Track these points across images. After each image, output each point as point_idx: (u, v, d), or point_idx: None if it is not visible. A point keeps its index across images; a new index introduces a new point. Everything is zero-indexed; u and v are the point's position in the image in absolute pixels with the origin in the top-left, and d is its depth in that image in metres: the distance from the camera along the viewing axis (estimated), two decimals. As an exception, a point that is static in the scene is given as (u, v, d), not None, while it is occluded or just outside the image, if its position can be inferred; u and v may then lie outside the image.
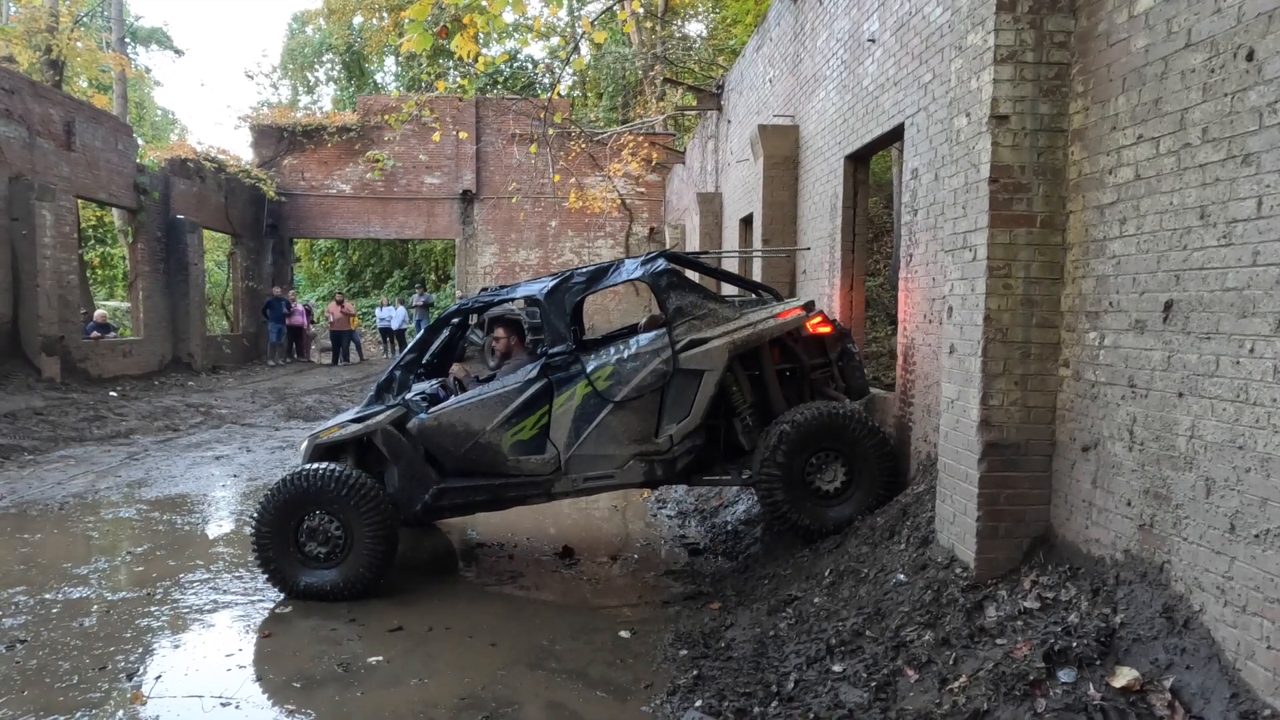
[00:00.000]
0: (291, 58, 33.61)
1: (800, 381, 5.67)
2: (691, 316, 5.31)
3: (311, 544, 5.08)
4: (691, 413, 5.22)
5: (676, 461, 5.30)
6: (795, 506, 5.15)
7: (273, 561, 5.05)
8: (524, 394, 5.28)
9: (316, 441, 5.42)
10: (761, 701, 3.60)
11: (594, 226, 22.36)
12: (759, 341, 5.38)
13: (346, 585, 5.04)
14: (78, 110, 14.57)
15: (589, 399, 5.23)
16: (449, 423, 5.26)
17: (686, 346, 5.24)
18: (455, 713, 3.74)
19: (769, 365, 5.51)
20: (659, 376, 5.22)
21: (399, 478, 5.30)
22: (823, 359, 5.69)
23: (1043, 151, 3.68)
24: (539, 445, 5.28)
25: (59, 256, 13.24)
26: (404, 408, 5.34)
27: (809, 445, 5.16)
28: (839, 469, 5.22)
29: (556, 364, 5.30)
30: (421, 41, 5.85)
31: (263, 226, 21.54)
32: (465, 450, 5.27)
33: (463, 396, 5.44)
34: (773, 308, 5.56)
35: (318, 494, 5.02)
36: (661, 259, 5.54)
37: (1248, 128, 2.68)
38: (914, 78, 5.48)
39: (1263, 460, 2.59)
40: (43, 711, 3.74)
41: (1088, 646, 3.08)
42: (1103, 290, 3.42)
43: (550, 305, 5.42)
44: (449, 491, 5.32)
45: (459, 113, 21.66)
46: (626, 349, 5.31)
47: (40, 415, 11.02)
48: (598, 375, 5.24)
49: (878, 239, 13.47)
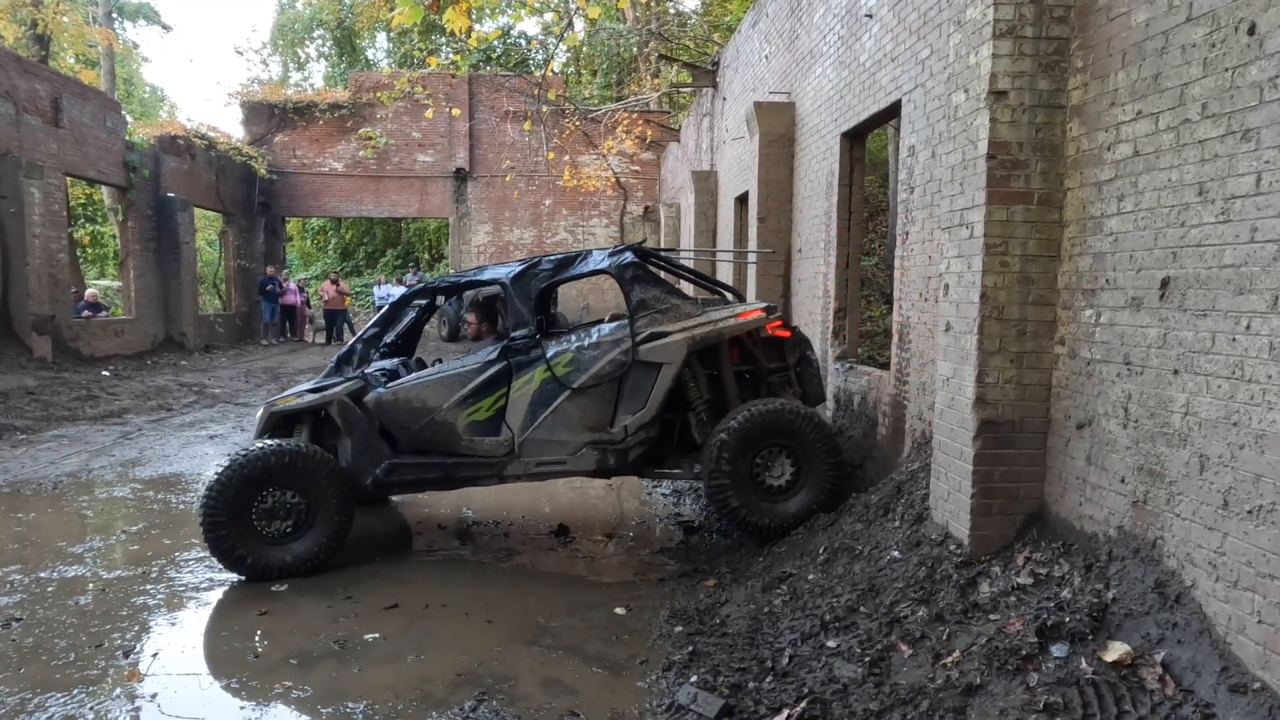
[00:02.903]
0: (282, 33, 33.21)
1: (757, 383, 5.70)
2: (654, 310, 5.33)
3: (270, 521, 5.04)
4: (647, 405, 5.26)
5: (629, 452, 5.33)
6: (743, 502, 5.15)
7: (227, 541, 4.93)
8: (482, 375, 5.30)
9: (273, 409, 5.42)
10: (756, 676, 3.63)
11: (588, 205, 22.25)
12: (718, 339, 5.41)
13: (304, 562, 5.03)
14: (65, 86, 14.38)
15: (547, 384, 5.26)
16: (406, 399, 5.29)
17: (647, 339, 5.26)
18: (452, 689, 3.76)
19: (727, 364, 5.54)
20: (618, 366, 5.25)
21: (352, 451, 5.31)
22: (781, 363, 5.73)
23: (1041, 128, 3.66)
24: (494, 427, 5.31)
25: (48, 235, 13.13)
26: (362, 381, 5.37)
27: (757, 441, 5.17)
28: (786, 464, 5.23)
29: (517, 347, 5.32)
30: (413, 15, 5.78)
31: (254, 205, 21.38)
32: (420, 427, 5.29)
33: (421, 373, 5.48)
34: (734, 307, 5.59)
35: (276, 470, 4.99)
36: (629, 252, 5.56)
37: (1248, 103, 2.66)
38: (912, 53, 5.43)
39: (1257, 437, 2.60)
40: (40, 689, 3.75)
41: (1080, 622, 3.11)
42: (1099, 267, 3.41)
43: (515, 290, 5.43)
44: (401, 467, 5.34)
45: (452, 90, 21.46)
46: (588, 337, 5.34)
47: (32, 395, 10.97)
48: (557, 361, 5.27)
49: (874, 217, 13.44)
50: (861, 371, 6.60)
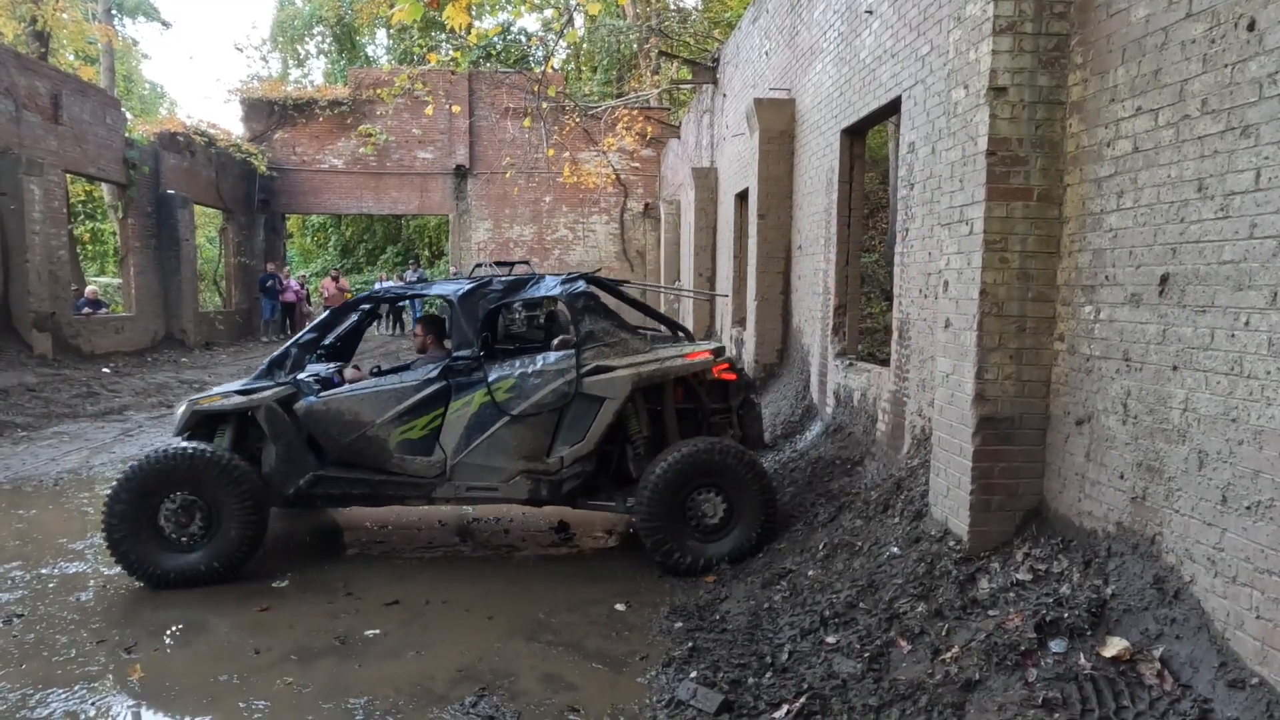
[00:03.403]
0: (281, 30, 33.14)
1: (699, 423, 5.65)
2: (601, 343, 5.25)
3: (173, 527, 4.92)
4: (586, 438, 5.18)
5: (563, 484, 5.25)
6: (672, 540, 5.06)
7: (124, 546, 4.83)
8: (420, 393, 5.19)
9: (195, 408, 5.27)
10: (756, 672, 3.64)
11: (588, 202, 22.23)
12: (663, 378, 5.35)
13: (208, 569, 4.90)
14: (64, 83, 14.36)
15: (486, 408, 5.16)
16: (338, 410, 5.17)
17: (592, 371, 5.18)
18: (452, 684, 3.78)
19: (670, 402, 5.49)
20: (560, 397, 5.16)
21: (276, 458, 5.18)
22: (724, 405, 5.70)
23: (1041, 124, 3.66)
24: (427, 447, 5.20)
25: (48, 232, 13.12)
26: (293, 387, 5.23)
27: (689, 479, 5.09)
28: (719, 504, 5.15)
29: (459, 368, 5.22)
30: (412, 12, 5.77)
31: (254, 202, 21.37)
32: (350, 440, 5.17)
33: (356, 385, 5.35)
34: (682, 347, 5.52)
35: (179, 475, 4.87)
36: (582, 280, 5.49)
37: (1247, 99, 2.66)
38: (911, 50, 5.42)
39: (1256, 433, 2.60)
40: (41, 684, 3.76)
41: (1079, 617, 3.12)
42: (1099, 264, 3.41)
43: (463, 309, 5.34)
44: (326, 480, 5.22)
45: (452, 86, 21.43)
46: (532, 364, 5.24)
47: (33, 391, 10.98)
48: (499, 386, 5.17)
49: (874, 214, 13.43)
50: (861, 368, 6.61)
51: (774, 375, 8.96)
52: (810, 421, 7.46)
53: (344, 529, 6.28)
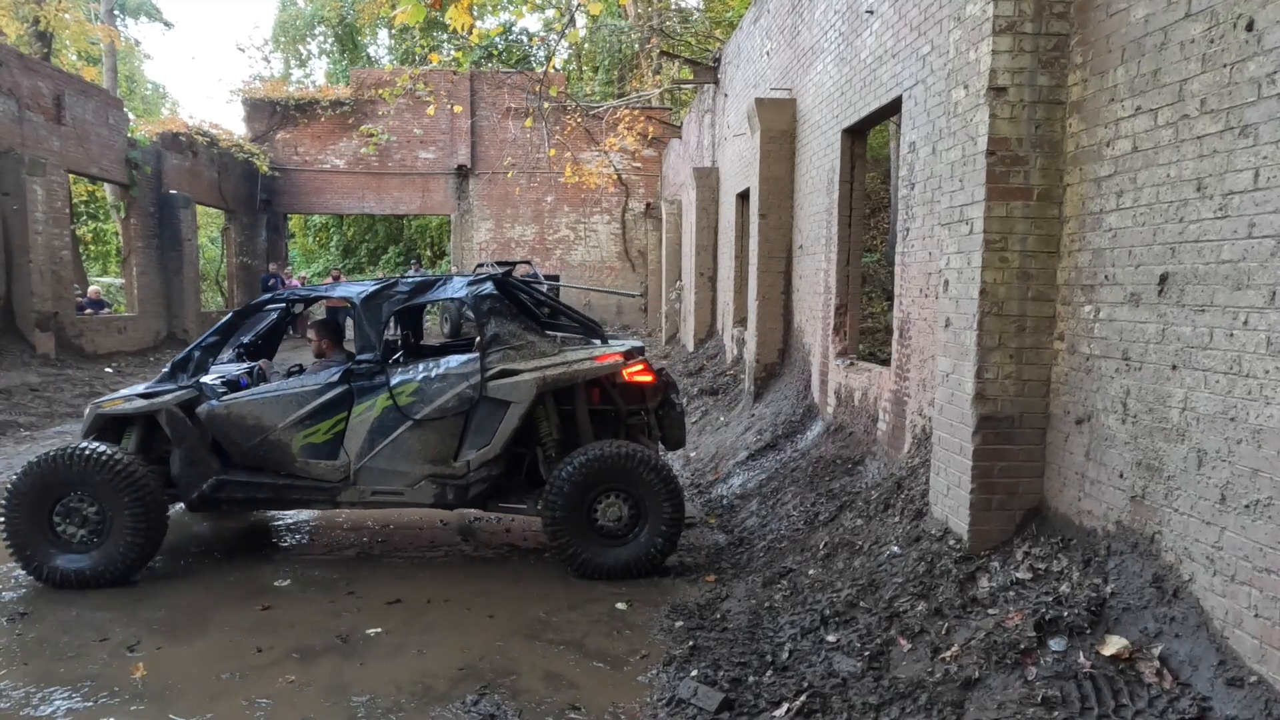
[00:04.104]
0: (283, 30, 33.18)
1: (616, 425, 5.60)
2: (508, 345, 5.16)
3: (66, 527, 4.88)
4: (492, 442, 5.11)
5: (470, 488, 5.19)
6: (577, 543, 5.04)
7: (20, 545, 4.82)
8: (322, 397, 5.13)
9: (99, 411, 5.24)
10: (756, 671, 3.65)
11: (590, 202, 22.25)
12: (571, 381, 5.26)
13: (101, 572, 4.85)
14: (67, 83, 14.40)
15: (389, 412, 5.10)
16: (240, 414, 5.12)
17: (497, 375, 5.10)
18: (453, 683, 3.79)
19: (582, 404, 5.42)
20: (464, 401, 5.09)
21: (180, 462, 5.14)
22: (642, 406, 5.63)
23: (1040, 124, 3.67)
24: (331, 451, 5.15)
25: (51, 232, 13.15)
26: (196, 390, 5.18)
27: (594, 484, 5.04)
28: (624, 508, 5.10)
29: (361, 371, 5.17)
30: (415, 13, 5.79)
31: (256, 202, 21.41)
32: (253, 444, 5.13)
33: (258, 389, 5.28)
34: (592, 350, 5.40)
35: (74, 475, 4.83)
36: (489, 283, 5.40)
37: (1246, 99, 2.67)
38: (912, 49, 5.43)
39: (1254, 432, 2.61)
40: (45, 683, 3.77)
41: (1078, 616, 3.13)
42: (1099, 263, 3.42)
43: (365, 311, 5.27)
44: (230, 484, 5.17)
45: (453, 86, 21.46)
46: (435, 368, 5.16)
47: (36, 391, 11.01)
48: (401, 390, 5.10)
49: (875, 214, 13.45)
50: (862, 368, 6.61)
51: (775, 375, 8.96)
52: (811, 421, 7.46)
53: (346, 529, 6.30)
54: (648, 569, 5.08)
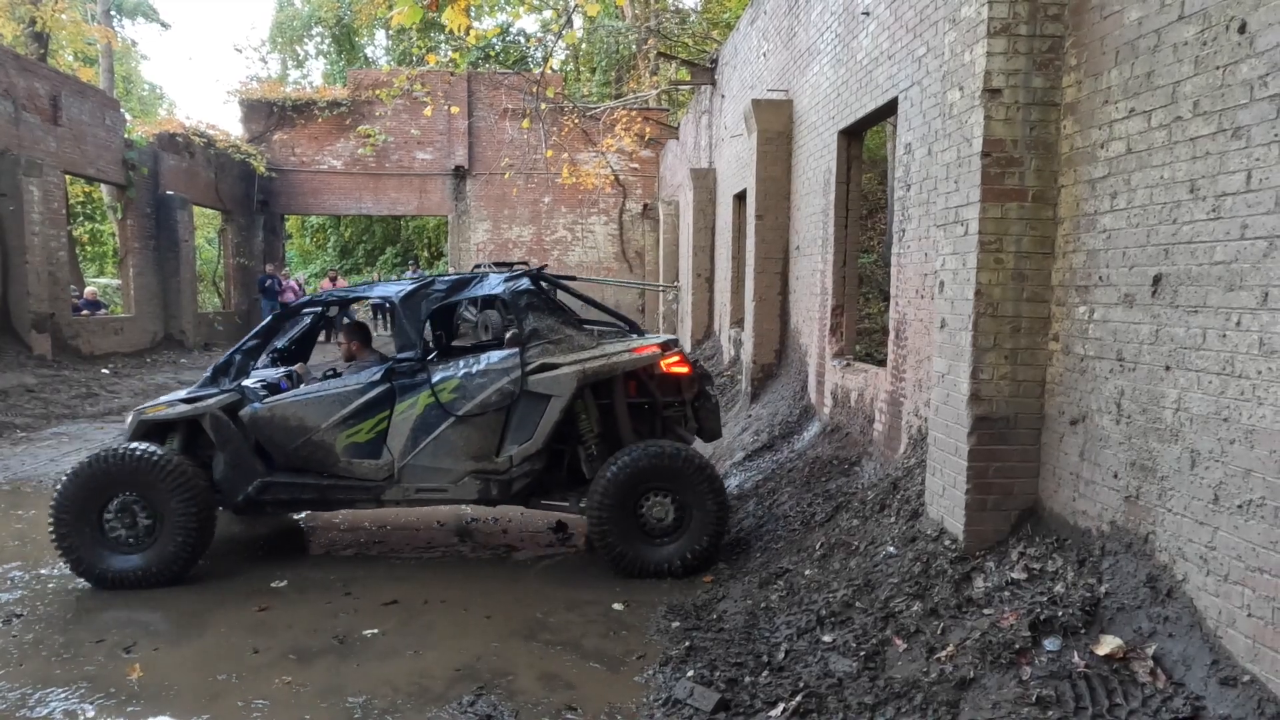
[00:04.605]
0: (280, 31, 33.18)
1: (653, 418, 5.62)
2: (547, 340, 5.21)
3: (117, 528, 4.91)
4: (534, 437, 5.14)
5: (513, 483, 5.22)
6: (623, 543, 5.05)
7: (71, 547, 4.84)
8: (364, 396, 5.16)
9: (141, 418, 5.26)
10: (753, 671, 3.66)
11: (587, 203, 22.25)
12: (610, 373, 5.29)
13: (154, 572, 4.87)
14: (64, 84, 14.38)
15: (431, 409, 5.13)
16: (283, 415, 5.15)
17: (537, 369, 5.14)
18: (450, 683, 3.79)
19: (620, 398, 5.44)
20: (505, 396, 5.12)
21: (224, 466, 5.17)
22: (678, 398, 5.64)
23: (1035, 125, 3.68)
24: (374, 450, 5.17)
25: (48, 233, 13.14)
26: (238, 394, 5.22)
27: (640, 483, 5.07)
28: (670, 508, 5.13)
29: (402, 370, 5.20)
30: (411, 14, 5.79)
31: (253, 203, 21.38)
32: (297, 446, 5.16)
33: (301, 390, 5.32)
34: (630, 342, 5.45)
35: (124, 476, 4.86)
36: (525, 279, 5.46)
37: (1238, 101, 2.68)
38: (908, 51, 5.44)
39: (1247, 432, 2.62)
40: (40, 684, 3.77)
41: (1073, 616, 3.14)
42: (1093, 264, 3.43)
43: (405, 310, 5.31)
44: (274, 486, 5.20)
45: (450, 87, 21.44)
46: (476, 364, 5.20)
47: (32, 392, 10.99)
48: (442, 387, 5.13)
49: (873, 214, 13.46)
50: (859, 368, 6.62)
51: (772, 375, 8.97)
52: (808, 421, 7.48)
53: (343, 530, 6.30)
54: (694, 567, 5.09)
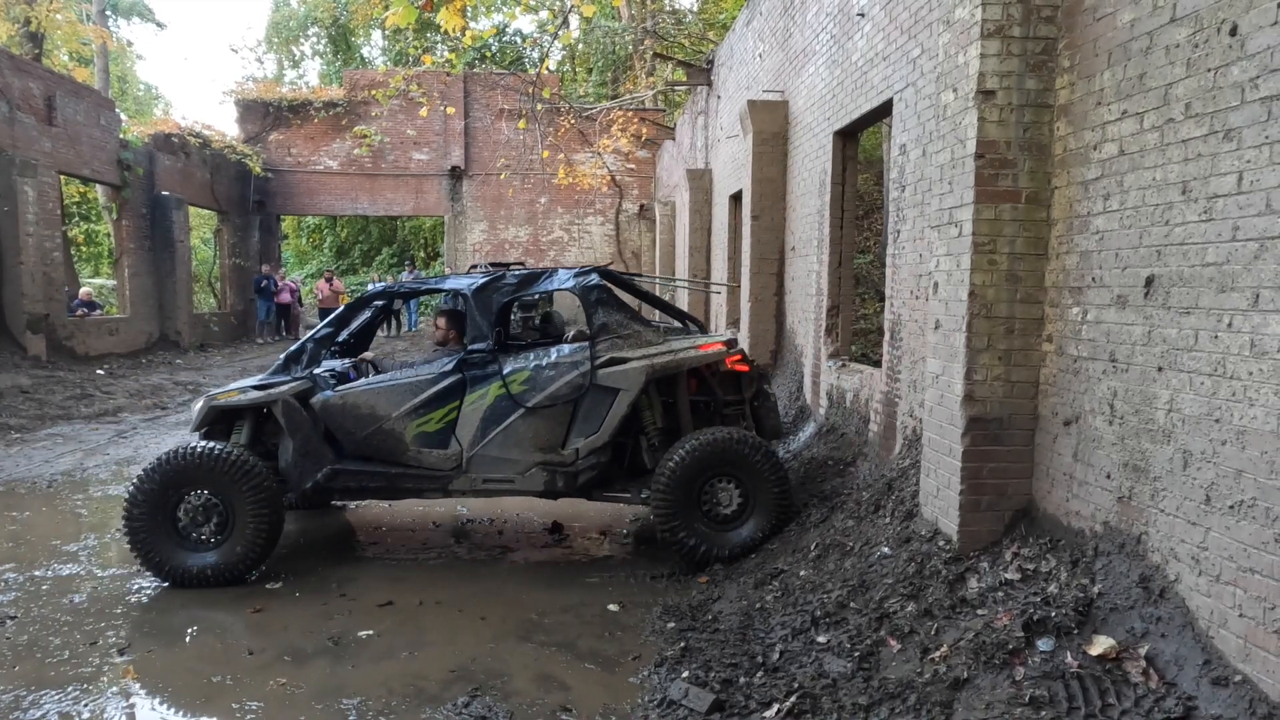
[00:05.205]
0: (276, 31, 33.09)
1: (713, 415, 5.69)
2: (615, 335, 5.31)
3: (191, 526, 4.95)
4: (601, 429, 5.21)
5: (579, 475, 5.28)
6: (688, 529, 5.10)
7: (146, 543, 4.87)
8: (435, 386, 5.23)
9: (213, 403, 5.29)
10: (747, 672, 3.66)
11: (584, 203, 22.25)
12: (677, 369, 5.39)
13: (227, 568, 4.92)
14: (59, 84, 14.35)
15: (501, 400, 5.20)
16: (354, 403, 5.20)
17: (606, 363, 5.23)
18: (445, 684, 3.79)
19: (684, 393, 5.53)
20: (574, 389, 5.21)
21: (293, 453, 5.21)
22: (737, 396, 5.72)
23: (1029, 127, 3.69)
24: (443, 440, 5.23)
25: (42, 233, 13.10)
26: (310, 382, 5.26)
27: (704, 469, 5.11)
28: (734, 493, 5.19)
29: (474, 361, 5.27)
30: (407, 15, 5.79)
31: (249, 203, 21.35)
32: (366, 434, 5.20)
33: (373, 379, 5.37)
34: (695, 339, 5.56)
35: (196, 473, 4.89)
36: (595, 274, 5.54)
37: (1229, 103, 2.69)
38: (903, 53, 5.45)
39: (1238, 433, 2.63)
40: (35, 686, 3.76)
41: (1066, 616, 3.15)
42: (1086, 266, 3.44)
43: (477, 302, 5.38)
44: (343, 474, 5.24)
45: (447, 88, 21.44)
46: (546, 357, 5.29)
47: (27, 393, 10.96)
48: (513, 378, 5.22)
49: (868, 215, 13.47)
50: (854, 369, 6.64)
51: (768, 376, 8.98)
52: (803, 422, 7.49)
53: (338, 531, 6.29)
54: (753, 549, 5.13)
